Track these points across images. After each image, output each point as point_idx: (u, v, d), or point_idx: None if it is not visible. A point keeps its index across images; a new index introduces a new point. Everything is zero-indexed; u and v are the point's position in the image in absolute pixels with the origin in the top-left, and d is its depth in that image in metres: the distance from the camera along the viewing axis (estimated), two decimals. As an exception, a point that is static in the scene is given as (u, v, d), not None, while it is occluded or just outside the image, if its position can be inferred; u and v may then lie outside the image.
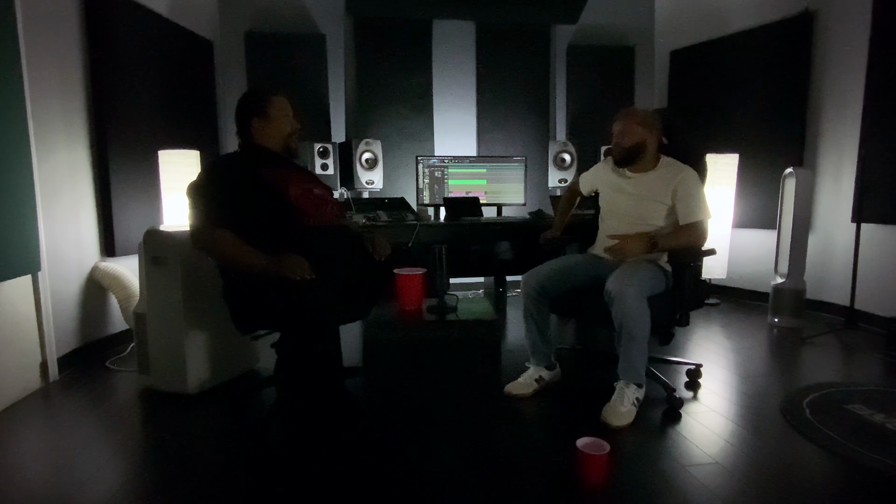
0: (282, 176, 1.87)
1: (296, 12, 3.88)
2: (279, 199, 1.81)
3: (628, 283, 1.84)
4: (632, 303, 1.81)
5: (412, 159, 3.64)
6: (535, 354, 2.14)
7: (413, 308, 1.92)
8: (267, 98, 1.90)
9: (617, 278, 1.87)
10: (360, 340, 2.83)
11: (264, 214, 1.77)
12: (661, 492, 1.45)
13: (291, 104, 1.96)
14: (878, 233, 3.05)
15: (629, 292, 1.81)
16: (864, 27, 3.11)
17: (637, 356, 1.87)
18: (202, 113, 3.65)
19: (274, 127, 1.90)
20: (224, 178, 1.81)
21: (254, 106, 1.90)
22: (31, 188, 2.17)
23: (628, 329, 1.82)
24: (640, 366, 1.89)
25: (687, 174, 2.03)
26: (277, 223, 1.78)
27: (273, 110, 1.90)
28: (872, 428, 1.82)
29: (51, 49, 2.42)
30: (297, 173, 1.97)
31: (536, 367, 2.14)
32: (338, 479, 1.53)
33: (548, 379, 2.14)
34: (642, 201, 2.07)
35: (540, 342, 2.12)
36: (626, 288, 1.82)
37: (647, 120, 2.07)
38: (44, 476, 1.58)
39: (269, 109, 1.89)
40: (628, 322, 1.82)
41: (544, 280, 2.07)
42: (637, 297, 1.82)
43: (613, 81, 4.25)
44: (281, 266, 1.65)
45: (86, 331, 2.62)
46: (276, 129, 1.91)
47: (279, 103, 1.91)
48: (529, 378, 2.12)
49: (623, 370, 1.90)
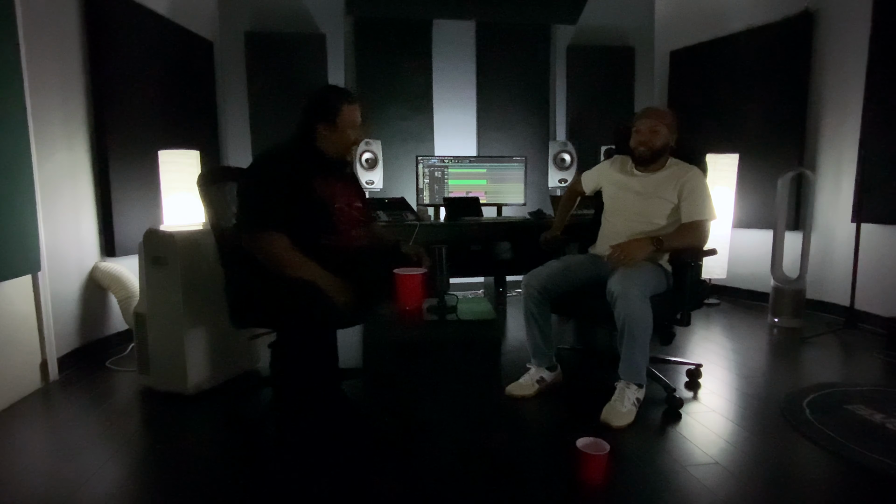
0: (332, 187, 1.86)
1: (296, 12, 3.88)
2: (322, 212, 1.80)
3: (631, 283, 1.84)
4: (635, 303, 1.81)
5: (412, 159, 3.64)
6: (537, 355, 2.14)
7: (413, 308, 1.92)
8: (338, 107, 1.83)
9: (620, 278, 1.87)
10: (360, 340, 2.83)
11: (304, 222, 1.76)
12: (661, 492, 1.45)
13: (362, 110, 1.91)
14: (878, 233, 3.05)
15: (632, 292, 1.81)
16: (864, 27, 3.11)
17: (639, 356, 1.87)
18: (202, 113, 3.65)
19: (338, 138, 1.85)
20: (280, 176, 1.77)
21: (324, 112, 1.84)
22: (32, 188, 2.17)
23: (630, 329, 1.82)
24: (642, 366, 1.89)
25: (694, 173, 2.05)
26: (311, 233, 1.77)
27: (342, 120, 1.84)
28: (872, 428, 1.82)
29: (51, 49, 2.42)
30: (346, 185, 1.96)
31: (538, 367, 2.14)
32: (338, 478, 1.53)
33: (549, 380, 2.14)
34: (648, 199, 2.08)
35: (541, 343, 2.12)
36: (629, 288, 1.82)
37: (672, 122, 2.08)
38: (44, 476, 1.58)
39: (338, 119, 1.83)
40: (631, 322, 1.82)
41: (546, 281, 2.07)
42: (640, 297, 1.82)
43: (613, 81, 4.25)
44: (332, 286, 1.65)
45: (86, 331, 2.62)
46: (340, 140, 1.86)
47: (349, 113, 1.85)
48: (531, 379, 2.12)
49: (624, 370, 1.90)
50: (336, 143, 1.86)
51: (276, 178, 1.76)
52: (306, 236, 1.75)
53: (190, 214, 2.66)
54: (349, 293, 1.69)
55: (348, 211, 1.89)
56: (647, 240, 1.96)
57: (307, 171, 1.82)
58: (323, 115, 1.83)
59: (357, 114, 1.88)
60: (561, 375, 2.21)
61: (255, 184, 1.79)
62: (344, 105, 1.84)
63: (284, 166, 1.80)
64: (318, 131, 1.85)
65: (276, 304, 1.69)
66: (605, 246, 2.12)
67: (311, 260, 1.71)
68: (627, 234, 2.07)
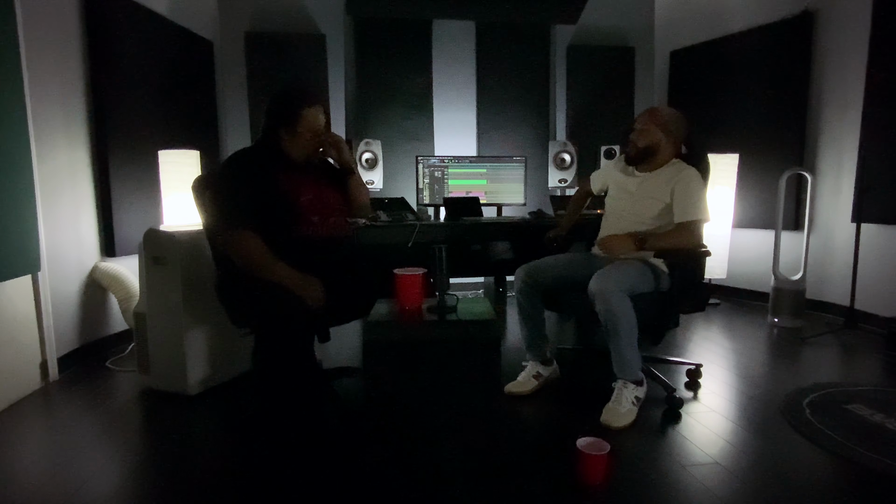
0: (297, 181, 1.85)
1: (296, 12, 3.88)
2: (289, 206, 1.80)
3: (608, 279, 1.85)
4: (610, 298, 1.81)
5: (412, 159, 3.64)
6: (531, 348, 2.15)
7: (413, 308, 1.92)
8: (298, 112, 1.81)
9: (598, 276, 1.88)
10: (360, 340, 2.83)
11: (271, 218, 1.76)
12: (661, 492, 1.45)
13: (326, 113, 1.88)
14: (878, 233, 3.05)
15: (608, 288, 1.82)
16: (864, 27, 3.11)
17: (626, 352, 1.86)
18: (202, 113, 3.65)
19: (299, 143, 1.85)
20: (245, 176, 1.78)
21: (283, 117, 1.82)
22: (32, 188, 2.17)
23: (612, 325, 1.83)
24: (633, 362, 1.89)
25: (688, 173, 2.01)
26: (281, 229, 1.78)
27: (302, 126, 1.82)
28: (872, 428, 1.82)
29: (51, 49, 2.42)
30: (313, 176, 1.94)
31: (533, 361, 2.14)
32: (338, 479, 1.53)
33: (546, 375, 2.14)
34: (641, 200, 2.07)
35: (535, 335, 2.12)
36: (605, 284, 1.83)
37: (668, 123, 2.04)
38: (44, 476, 1.58)
39: (297, 125, 1.82)
40: (611, 318, 1.82)
41: (534, 272, 2.08)
42: (616, 292, 1.82)
43: (613, 81, 4.25)
44: (300, 286, 1.64)
45: (86, 331, 2.62)
46: (300, 146, 1.85)
47: (309, 118, 1.82)
48: (527, 375, 2.13)
49: (617, 368, 1.90)
50: (298, 147, 1.85)
51: (240, 177, 1.78)
52: (277, 232, 1.76)
53: (190, 214, 2.66)
54: (321, 292, 1.67)
55: (318, 201, 1.87)
56: (627, 236, 1.96)
57: (270, 168, 1.82)
58: (283, 121, 1.82)
59: (319, 116, 1.85)
60: (557, 371, 2.21)
61: (222, 186, 1.79)
62: (304, 109, 1.81)
63: (248, 166, 1.81)
64: (280, 136, 1.84)
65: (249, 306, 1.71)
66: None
67: (280, 261, 1.69)
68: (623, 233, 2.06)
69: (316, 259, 1.78)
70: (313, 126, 1.84)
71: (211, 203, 1.84)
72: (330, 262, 1.84)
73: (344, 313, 1.99)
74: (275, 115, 1.84)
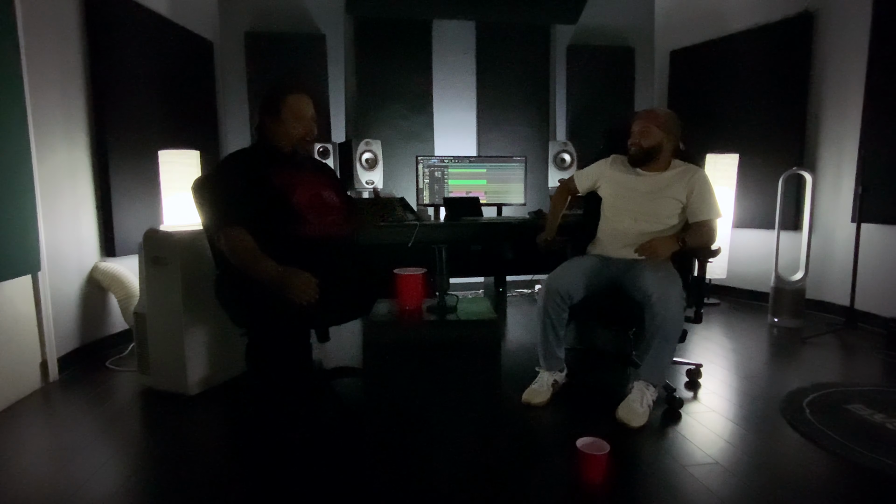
0: (290, 179, 1.84)
1: (296, 12, 3.88)
2: (283, 204, 1.79)
3: (670, 284, 1.87)
4: (675, 306, 1.83)
5: (412, 159, 3.64)
6: (549, 359, 2.10)
7: (413, 308, 1.91)
8: (281, 98, 1.82)
9: (657, 281, 1.87)
10: (360, 340, 2.83)
11: (266, 217, 1.76)
12: (661, 492, 1.45)
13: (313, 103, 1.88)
14: (878, 233, 3.05)
15: (672, 294, 1.84)
16: (864, 27, 3.11)
17: (668, 358, 1.90)
18: (202, 113, 3.65)
19: (284, 129, 1.84)
20: (237, 174, 1.79)
21: (267, 104, 1.84)
22: (32, 188, 2.17)
23: (666, 332, 1.84)
24: (668, 368, 1.93)
25: (702, 174, 2.10)
26: (277, 227, 1.77)
27: (285, 111, 1.82)
28: (872, 428, 1.82)
29: (51, 49, 2.42)
30: (309, 175, 1.93)
31: (550, 371, 2.11)
32: (338, 479, 1.53)
33: (561, 382, 2.14)
34: (657, 199, 2.09)
35: (556, 347, 2.10)
36: (668, 290, 1.84)
37: (667, 123, 2.09)
38: (44, 476, 1.58)
39: (281, 109, 1.82)
40: (668, 325, 1.83)
41: (570, 287, 2.02)
42: (679, 300, 1.85)
43: (613, 81, 4.25)
44: (287, 284, 1.61)
45: (86, 331, 2.62)
46: (285, 131, 1.84)
47: (293, 104, 1.83)
48: (545, 384, 2.08)
49: (649, 371, 1.90)
50: (283, 135, 1.84)
51: (232, 175, 1.79)
52: (273, 230, 1.76)
53: (190, 214, 2.66)
54: (311, 286, 1.64)
55: (315, 200, 1.86)
56: (672, 238, 2.00)
57: (260, 165, 1.82)
58: (267, 108, 1.84)
59: (303, 104, 1.85)
60: (565, 375, 2.20)
61: (215, 184, 1.80)
62: (287, 96, 1.83)
63: (240, 165, 1.82)
64: (265, 125, 1.86)
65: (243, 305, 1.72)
66: (612, 246, 2.14)
67: (268, 258, 1.67)
68: (636, 233, 2.08)
69: (314, 258, 1.78)
70: (297, 111, 1.83)
71: (206, 201, 1.84)
72: (328, 262, 1.83)
73: (343, 313, 1.99)
74: (262, 107, 1.87)
